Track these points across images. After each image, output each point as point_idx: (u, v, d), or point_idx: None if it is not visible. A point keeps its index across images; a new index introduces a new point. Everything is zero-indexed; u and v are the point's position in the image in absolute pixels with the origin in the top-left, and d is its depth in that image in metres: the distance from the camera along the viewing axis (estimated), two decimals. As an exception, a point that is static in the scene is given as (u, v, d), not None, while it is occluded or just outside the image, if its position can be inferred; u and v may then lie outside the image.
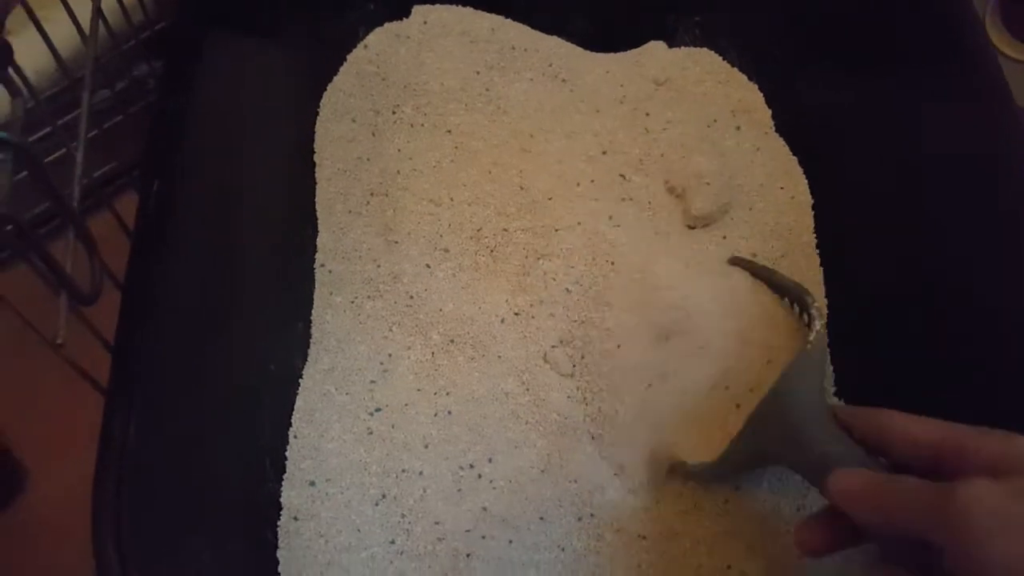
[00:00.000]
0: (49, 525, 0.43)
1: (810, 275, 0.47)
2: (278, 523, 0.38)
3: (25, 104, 0.26)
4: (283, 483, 0.39)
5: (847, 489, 0.28)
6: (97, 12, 0.34)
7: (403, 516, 0.39)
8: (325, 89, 0.53)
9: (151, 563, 0.27)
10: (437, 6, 0.56)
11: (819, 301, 0.40)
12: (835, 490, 0.29)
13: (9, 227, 0.22)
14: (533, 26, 0.56)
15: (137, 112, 0.43)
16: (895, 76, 0.47)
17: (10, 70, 0.25)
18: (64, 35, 0.35)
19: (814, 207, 0.50)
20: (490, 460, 0.41)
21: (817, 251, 0.48)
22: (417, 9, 0.56)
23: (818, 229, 0.49)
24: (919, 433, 0.28)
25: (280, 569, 0.37)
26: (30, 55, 0.27)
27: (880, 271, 0.45)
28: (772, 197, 0.50)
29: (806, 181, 0.51)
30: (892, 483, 0.27)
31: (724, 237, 0.49)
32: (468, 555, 0.39)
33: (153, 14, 0.44)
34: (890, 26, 0.47)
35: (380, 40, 0.55)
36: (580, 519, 0.40)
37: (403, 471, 0.40)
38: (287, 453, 0.40)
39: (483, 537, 0.39)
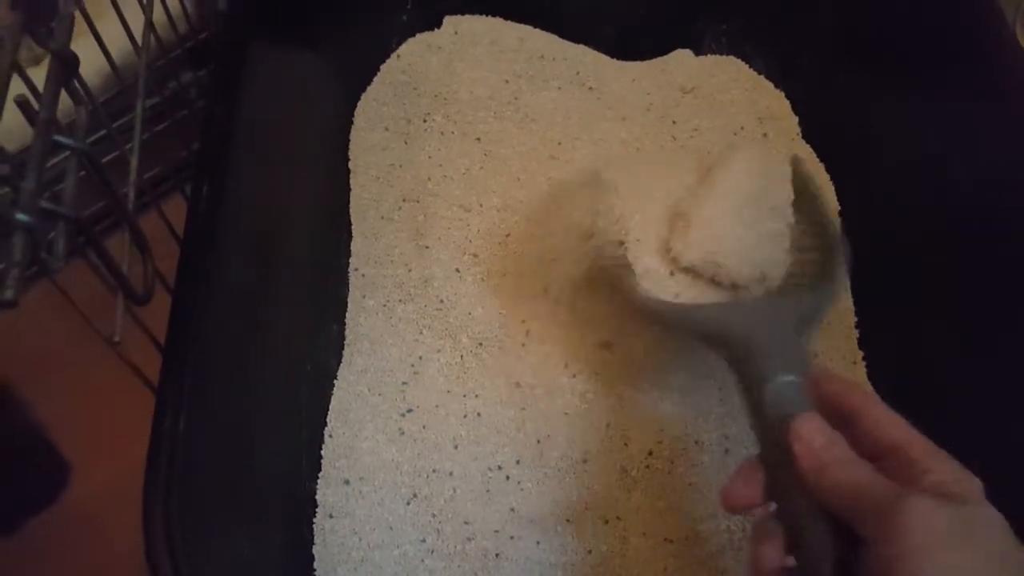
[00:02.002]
0: (93, 519, 0.45)
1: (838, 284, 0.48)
2: (314, 520, 0.39)
3: (86, 110, 0.27)
4: (319, 481, 0.40)
5: (810, 440, 0.28)
6: (148, 24, 0.35)
7: (434, 516, 0.40)
8: (360, 98, 0.54)
9: (197, 554, 0.28)
10: (467, 16, 0.57)
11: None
12: (801, 431, 0.28)
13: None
14: (561, 35, 0.58)
15: (182, 118, 0.44)
16: (924, 82, 0.48)
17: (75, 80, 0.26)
18: (116, 44, 0.37)
19: (841, 214, 0.50)
20: (518, 462, 0.42)
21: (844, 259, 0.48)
22: (448, 20, 0.57)
23: (846, 237, 0.49)
24: (887, 428, 0.28)
25: (316, 565, 0.38)
26: (86, 63, 0.29)
27: (910, 279, 0.45)
28: (799, 206, 0.50)
29: (833, 188, 0.51)
30: (853, 461, 0.27)
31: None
32: (497, 555, 0.40)
33: (197, 25, 0.46)
34: (918, 33, 0.48)
35: (412, 50, 0.56)
36: (607, 522, 0.41)
37: (434, 471, 0.41)
38: (323, 452, 0.41)
39: (511, 538, 0.40)
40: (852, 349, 0.46)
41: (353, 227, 0.49)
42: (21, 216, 0.21)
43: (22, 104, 0.23)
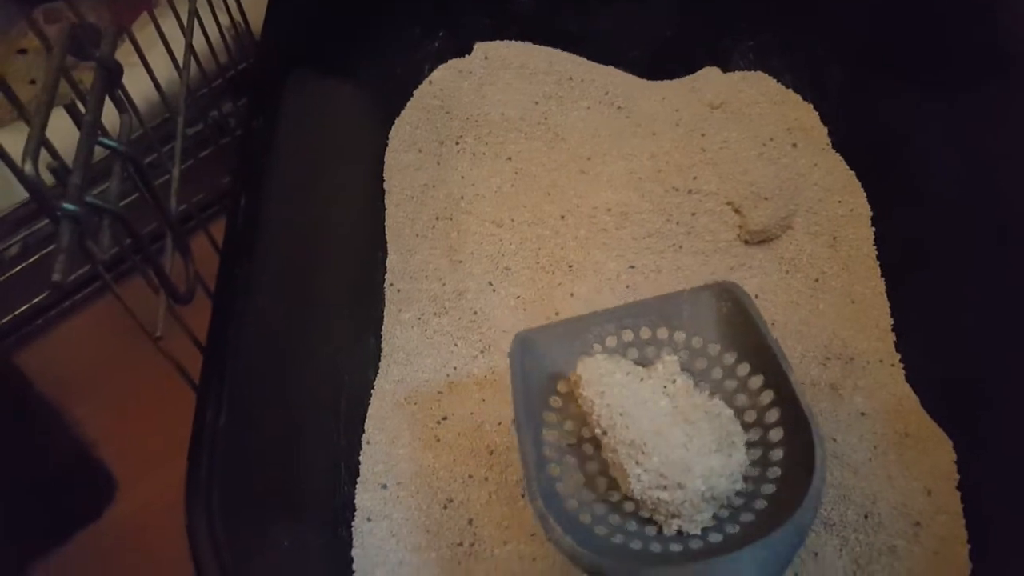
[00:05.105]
0: (138, 533, 0.46)
1: (871, 286, 0.47)
2: (352, 523, 0.39)
3: (132, 126, 0.29)
4: (357, 485, 0.40)
5: None
6: (189, 48, 0.37)
7: (470, 521, 0.40)
8: (393, 122, 0.56)
9: (240, 549, 0.29)
10: (497, 42, 0.59)
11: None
12: None
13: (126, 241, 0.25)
14: (589, 58, 0.59)
15: (224, 146, 0.46)
16: (951, 88, 0.47)
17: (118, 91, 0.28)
18: (162, 74, 0.39)
19: (873, 220, 0.50)
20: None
21: (878, 263, 0.48)
22: (479, 46, 0.59)
23: (879, 242, 0.49)
24: None
25: (355, 567, 0.38)
26: (135, 90, 0.31)
27: (945, 282, 0.45)
28: (831, 211, 0.50)
29: (865, 194, 0.51)
30: None
31: (782, 257, 0.49)
32: (534, 559, 0.40)
33: (236, 55, 0.48)
34: (943, 41, 0.48)
35: (444, 76, 0.58)
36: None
37: (469, 476, 0.41)
38: (360, 458, 0.41)
39: (547, 542, 0.40)
40: (889, 352, 0.45)
41: (388, 244, 0.51)
42: (67, 205, 0.22)
43: (69, 107, 0.24)
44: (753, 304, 0.38)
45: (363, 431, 0.42)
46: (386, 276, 0.49)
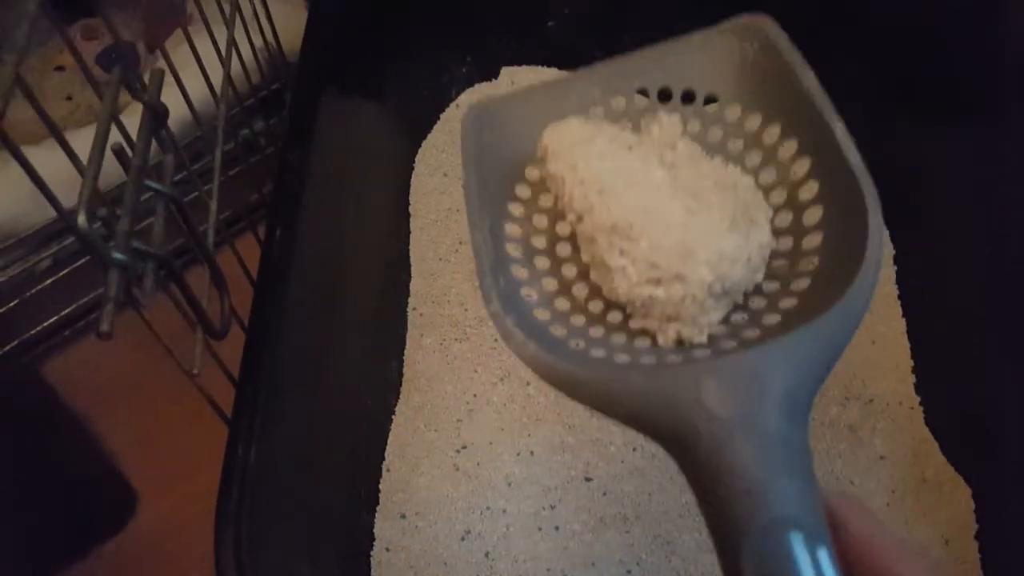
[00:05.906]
0: (159, 546, 0.46)
1: (892, 326, 0.47)
2: (371, 553, 0.40)
3: (173, 157, 0.29)
4: (376, 514, 0.41)
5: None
6: (227, 78, 0.38)
7: (487, 553, 0.41)
8: (420, 146, 0.56)
9: (263, 579, 0.29)
10: (524, 67, 0.60)
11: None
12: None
13: (163, 271, 0.26)
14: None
15: (253, 163, 0.47)
16: (974, 124, 0.48)
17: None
18: (195, 94, 0.40)
19: (895, 259, 0.50)
20: (570, 501, 0.42)
21: (899, 302, 0.48)
22: (505, 71, 0.59)
23: (900, 280, 0.49)
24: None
25: (373, 597, 0.39)
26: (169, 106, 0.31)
27: (965, 322, 0.45)
28: (853, 249, 0.50)
29: (888, 231, 0.51)
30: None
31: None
32: (549, 593, 0.40)
33: (269, 77, 0.49)
34: (964, 76, 0.48)
35: (471, 100, 0.59)
36: (670, 559, 0.41)
37: (487, 508, 0.42)
38: (380, 485, 0.42)
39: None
40: (909, 394, 0.45)
41: (412, 268, 0.51)
42: (117, 255, 0.23)
43: (118, 152, 0.25)
44: (788, 42, 0.27)
45: (383, 458, 0.43)
46: (409, 300, 0.50)
